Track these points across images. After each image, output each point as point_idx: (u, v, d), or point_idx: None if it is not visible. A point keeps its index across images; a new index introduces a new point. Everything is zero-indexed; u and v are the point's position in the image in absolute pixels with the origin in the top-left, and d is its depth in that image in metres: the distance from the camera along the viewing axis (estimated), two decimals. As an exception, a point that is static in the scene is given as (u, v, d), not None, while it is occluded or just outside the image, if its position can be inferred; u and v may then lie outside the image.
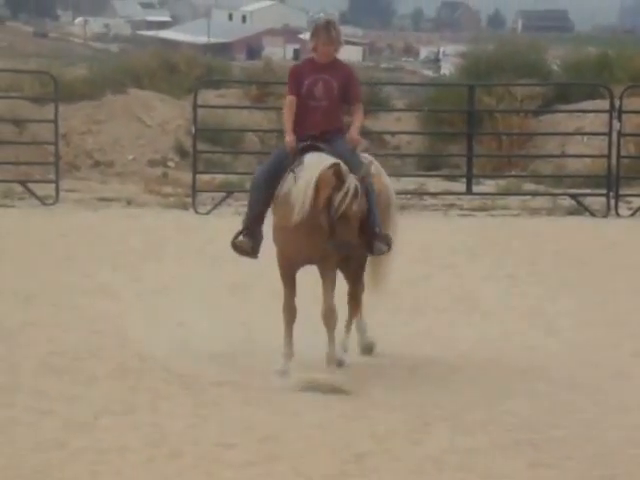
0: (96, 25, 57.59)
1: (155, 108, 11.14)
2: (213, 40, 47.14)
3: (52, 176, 9.06)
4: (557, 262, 7.03)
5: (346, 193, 4.06)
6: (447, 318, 5.56)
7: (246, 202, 4.66)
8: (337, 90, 4.34)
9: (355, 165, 4.22)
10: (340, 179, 4.10)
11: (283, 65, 14.43)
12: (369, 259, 4.55)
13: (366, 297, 4.71)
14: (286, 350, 4.39)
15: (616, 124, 9.25)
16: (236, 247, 4.46)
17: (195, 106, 9.11)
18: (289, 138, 4.30)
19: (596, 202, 9.20)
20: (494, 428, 3.91)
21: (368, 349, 4.71)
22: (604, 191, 9.16)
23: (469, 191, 9.30)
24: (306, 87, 4.34)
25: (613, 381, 4.53)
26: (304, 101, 4.35)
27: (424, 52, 47.13)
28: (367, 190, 4.22)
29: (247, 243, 4.42)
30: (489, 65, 12.39)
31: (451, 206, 9.19)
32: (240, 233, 4.45)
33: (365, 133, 7.74)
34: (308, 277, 4.55)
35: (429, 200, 9.32)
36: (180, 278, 6.36)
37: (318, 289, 4.45)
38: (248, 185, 5.20)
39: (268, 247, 4.43)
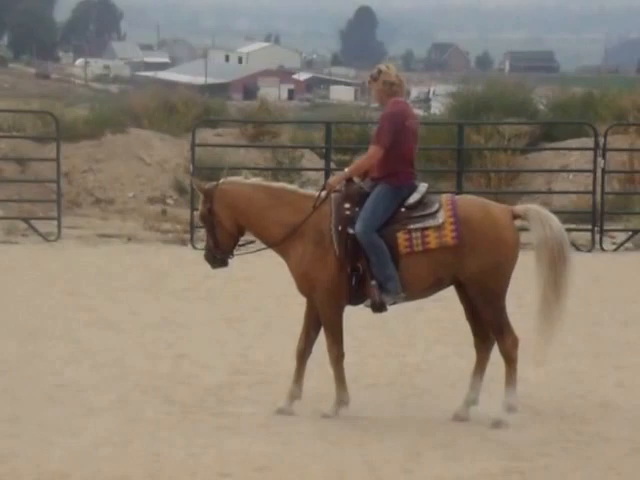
0: (96, 67, 58.14)
1: (154, 147, 11.31)
2: (210, 81, 47.62)
3: (54, 213, 9.22)
4: (544, 295, 7.17)
5: None
6: (438, 349, 5.70)
7: None
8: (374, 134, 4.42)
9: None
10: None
11: (278, 105, 14.72)
12: None
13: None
14: None
15: (600, 161, 9.43)
16: None
17: (193, 145, 9.32)
18: None
19: (581, 237, 9.32)
20: (484, 456, 4.00)
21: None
22: (589, 226, 9.30)
23: (459, 227, 9.56)
24: None
25: (598, 411, 4.61)
26: None
27: (415, 92, 47.63)
28: None
29: None
30: (478, 104, 12.53)
31: (442, 241, 9.40)
32: None
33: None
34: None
35: (420, 235, 9.52)
36: (179, 311, 6.49)
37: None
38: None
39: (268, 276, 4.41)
